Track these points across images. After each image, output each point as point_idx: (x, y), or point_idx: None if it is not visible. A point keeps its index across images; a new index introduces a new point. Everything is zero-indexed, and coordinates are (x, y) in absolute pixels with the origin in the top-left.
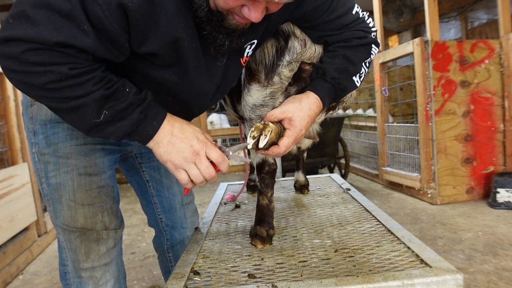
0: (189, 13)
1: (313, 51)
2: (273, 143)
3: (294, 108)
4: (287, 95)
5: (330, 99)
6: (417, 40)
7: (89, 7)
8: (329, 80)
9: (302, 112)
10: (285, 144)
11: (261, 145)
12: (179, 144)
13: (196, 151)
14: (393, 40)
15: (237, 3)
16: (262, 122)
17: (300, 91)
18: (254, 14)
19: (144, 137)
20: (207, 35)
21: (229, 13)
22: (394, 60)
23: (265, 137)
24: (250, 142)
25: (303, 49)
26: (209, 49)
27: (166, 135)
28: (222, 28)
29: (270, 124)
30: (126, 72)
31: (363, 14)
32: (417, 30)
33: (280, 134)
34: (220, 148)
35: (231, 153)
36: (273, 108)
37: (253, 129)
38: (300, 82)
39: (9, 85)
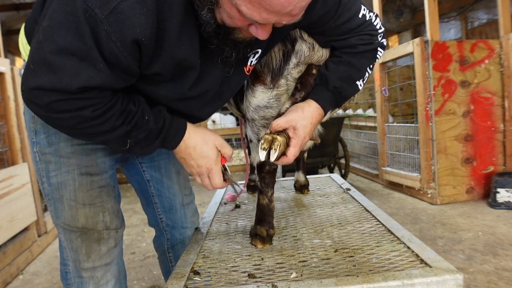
0: (194, 31)
1: (321, 54)
2: (282, 153)
3: (297, 117)
4: (294, 101)
5: (332, 107)
6: (417, 40)
7: (104, 45)
8: (331, 89)
9: (305, 120)
10: (293, 154)
11: (272, 159)
12: (189, 161)
13: (199, 173)
14: (393, 40)
15: (245, 23)
16: (269, 132)
17: (306, 96)
18: (262, 34)
19: (165, 149)
20: (215, 48)
21: (236, 28)
22: (394, 60)
23: (275, 151)
24: (262, 154)
25: (311, 52)
26: (216, 61)
27: (180, 152)
28: (228, 40)
29: (278, 138)
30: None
31: (370, 16)
32: (417, 30)
33: (287, 143)
34: (225, 169)
35: (232, 186)
36: (278, 109)
37: (262, 141)
38: (307, 88)
39: (9, 85)
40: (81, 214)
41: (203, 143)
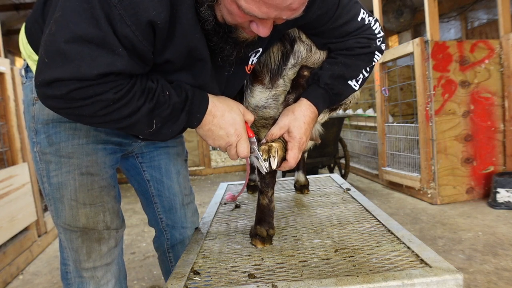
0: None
1: (318, 56)
2: (283, 158)
3: (289, 120)
4: (286, 104)
5: (325, 104)
6: (417, 40)
7: (119, 30)
8: (322, 86)
9: (298, 121)
10: (293, 156)
11: (274, 166)
12: (217, 132)
13: (229, 142)
14: (393, 40)
15: (245, 19)
16: (265, 141)
17: (298, 97)
18: (263, 30)
19: (190, 127)
20: (214, 46)
21: (237, 27)
22: (394, 60)
23: (274, 158)
24: (264, 166)
25: (309, 54)
26: (217, 59)
27: (207, 124)
28: (229, 39)
29: (273, 144)
30: None
31: (369, 20)
32: (417, 30)
33: (285, 147)
34: (251, 143)
35: (255, 153)
36: (276, 109)
37: (261, 153)
38: (298, 89)
39: (9, 85)
40: (81, 214)
41: (230, 110)
